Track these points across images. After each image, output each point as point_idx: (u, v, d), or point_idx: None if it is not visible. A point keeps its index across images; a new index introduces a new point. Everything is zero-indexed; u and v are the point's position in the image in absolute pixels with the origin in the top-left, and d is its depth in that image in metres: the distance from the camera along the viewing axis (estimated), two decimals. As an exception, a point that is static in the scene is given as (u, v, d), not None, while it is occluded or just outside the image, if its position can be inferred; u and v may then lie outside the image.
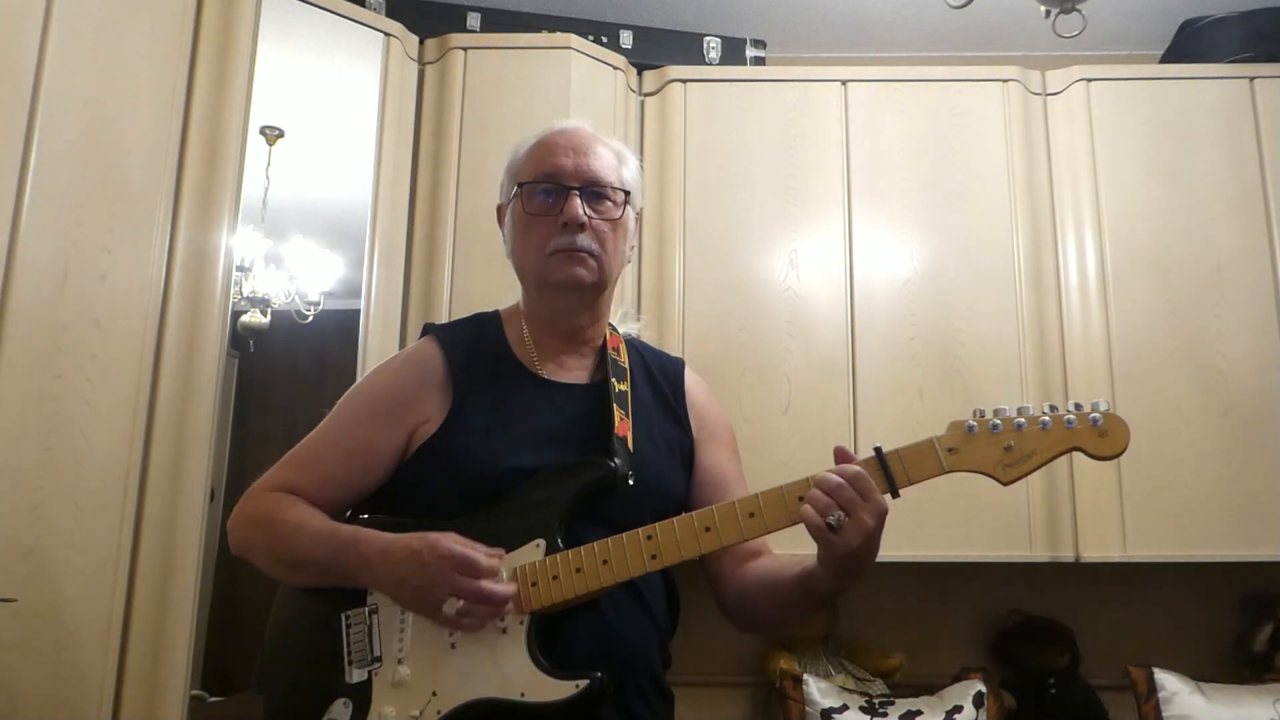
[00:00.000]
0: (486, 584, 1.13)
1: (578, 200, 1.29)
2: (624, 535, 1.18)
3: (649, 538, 1.18)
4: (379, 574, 1.17)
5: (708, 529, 1.18)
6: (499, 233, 1.41)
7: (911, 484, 1.17)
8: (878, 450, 1.17)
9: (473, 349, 1.34)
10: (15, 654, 1.66)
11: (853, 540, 1.10)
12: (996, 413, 1.18)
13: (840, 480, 1.11)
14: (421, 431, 1.28)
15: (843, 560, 1.12)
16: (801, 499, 1.14)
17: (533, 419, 1.29)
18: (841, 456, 1.16)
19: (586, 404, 1.31)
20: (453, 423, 1.27)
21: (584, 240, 1.28)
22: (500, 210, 1.40)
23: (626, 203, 1.34)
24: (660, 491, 1.30)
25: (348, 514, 1.31)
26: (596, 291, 1.33)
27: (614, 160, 1.35)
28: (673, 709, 1.32)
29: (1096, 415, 1.16)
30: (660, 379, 1.41)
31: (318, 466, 1.30)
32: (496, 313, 1.41)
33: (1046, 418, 1.16)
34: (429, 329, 1.38)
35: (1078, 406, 1.17)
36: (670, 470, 1.34)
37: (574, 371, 1.35)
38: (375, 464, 1.29)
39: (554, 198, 1.30)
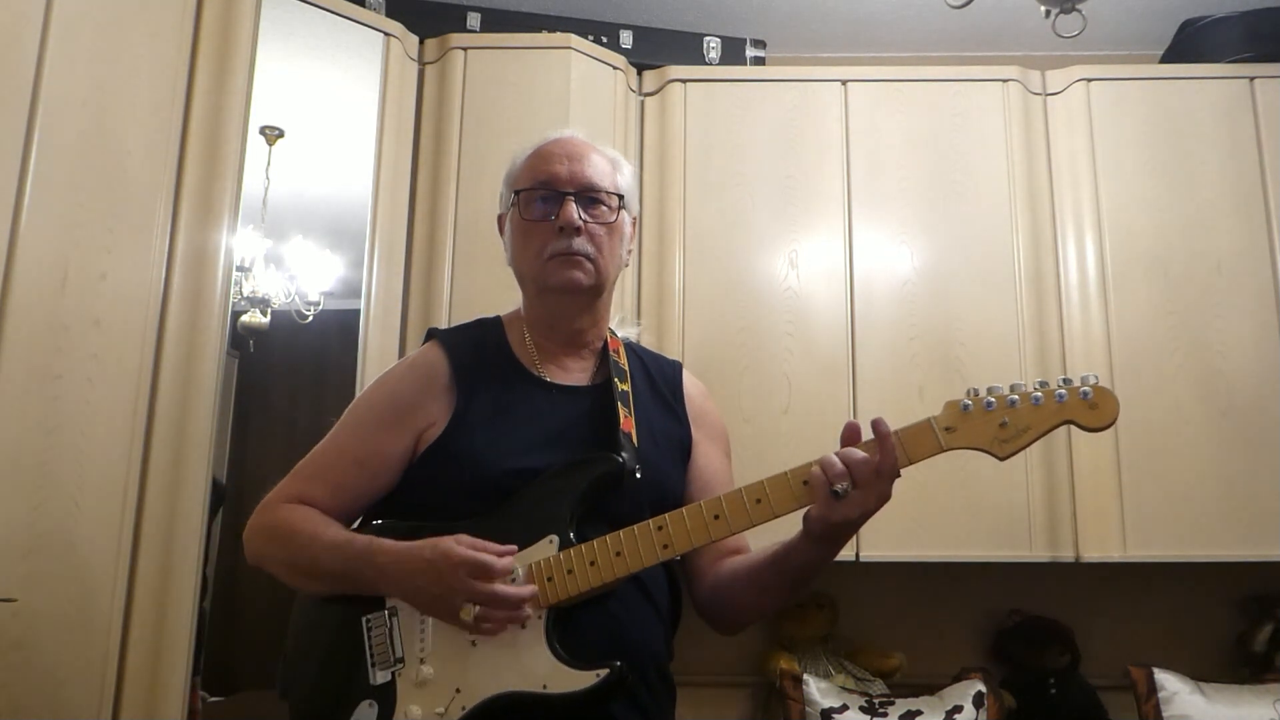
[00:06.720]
0: (502, 587, 1.16)
1: (573, 205, 1.32)
2: (635, 527, 1.21)
3: (660, 528, 1.21)
4: (395, 583, 1.20)
5: (716, 516, 1.22)
6: (498, 235, 1.45)
7: (911, 464, 1.21)
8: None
9: (476, 353, 1.37)
10: (15, 654, 1.67)
11: (850, 512, 1.17)
12: (990, 390, 1.22)
13: (865, 456, 1.18)
14: (428, 435, 1.31)
15: (834, 526, 1.18)
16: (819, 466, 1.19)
17: (537, 421, 1.32)
18: (851, 433, 1.21)
19: (589, 405, 1.34)
20: (458, 424, 1.30)
21: (580, 244, 1.32)
22: (501, 220, 1.44)
23: (621, 207, 1.37)
24: (662, 488, 1.33)
25: (358, 521, 1.35)
26: (594, 294, 1.36)
27: (608, 167, 1.39)
28: (675, 701, 1.35)
29: (1087, 389, 1.21)
30: (659, 380, 1.44)
31: (329, 476, 1.33)
32: (498, 318, 1.44)
33: (1038, 393, 1.21)
34: (433, 334, 1.41)
35: (1067, 381, 1.22)
36: (671, 467, 1.37)
37: (575, 374, 1.38)
38: (384, 470, 1.32)
39: (550, 204, 1.34)
